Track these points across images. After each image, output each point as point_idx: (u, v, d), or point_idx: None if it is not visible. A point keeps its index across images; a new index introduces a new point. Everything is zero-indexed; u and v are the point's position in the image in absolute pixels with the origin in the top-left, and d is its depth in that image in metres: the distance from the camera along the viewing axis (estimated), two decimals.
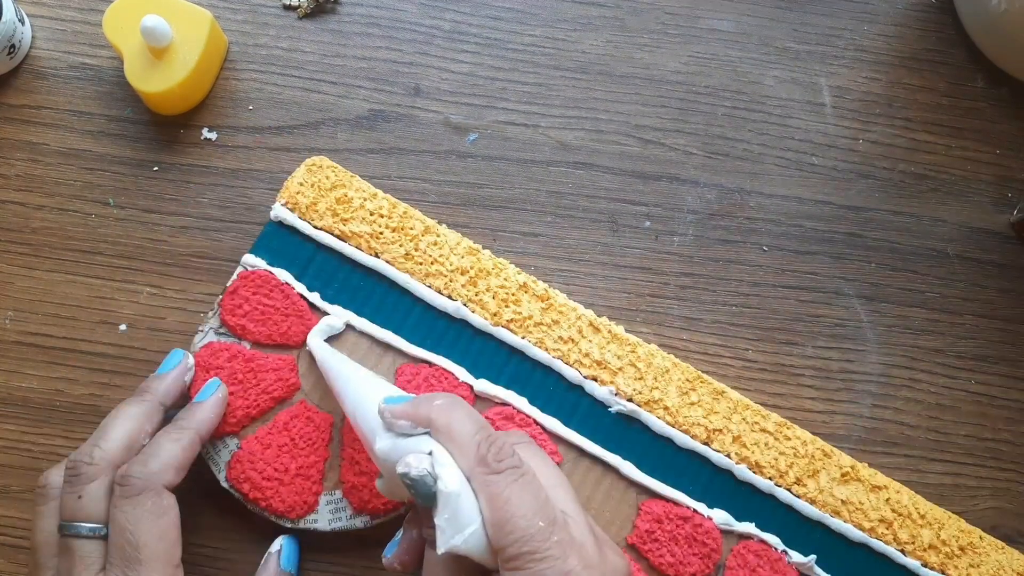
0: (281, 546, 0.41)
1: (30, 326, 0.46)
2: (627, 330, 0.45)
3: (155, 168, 0.48)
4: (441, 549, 0.32)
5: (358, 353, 0.44)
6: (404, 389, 0.43)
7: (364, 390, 0.38)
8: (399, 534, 0.37)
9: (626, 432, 0.44)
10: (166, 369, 0.41)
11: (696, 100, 0.51)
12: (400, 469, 0.33)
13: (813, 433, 0.45)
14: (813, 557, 0.43)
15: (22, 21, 0.48)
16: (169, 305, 0.46)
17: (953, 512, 0.45)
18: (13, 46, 0.47)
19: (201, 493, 0.43)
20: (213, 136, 0.48)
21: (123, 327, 0.46)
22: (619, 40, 0.51)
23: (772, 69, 0.51)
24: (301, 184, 0.45)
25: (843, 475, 0.44)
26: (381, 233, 0.45)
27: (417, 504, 0.34)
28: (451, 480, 0.33)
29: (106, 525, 0.36)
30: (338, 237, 0.45)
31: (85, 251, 0.47)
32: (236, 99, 0.49)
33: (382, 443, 0.35)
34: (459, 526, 0.32)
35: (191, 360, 0.42)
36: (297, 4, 0.50)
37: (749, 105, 0.51)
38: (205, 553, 0.43)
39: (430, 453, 0.34)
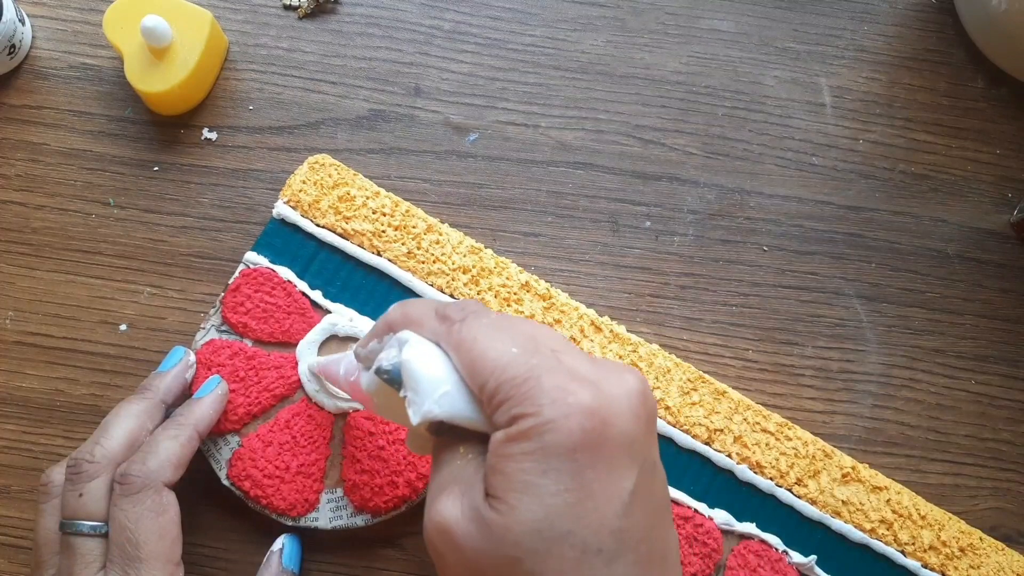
0: (283, 545, 0.41)
1: (30, 326, 0.46)
2: (628, 330, 0.45)
3: (155, 168, 0.48)
4: (415, 420, 0.28)
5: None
6: None
7: (336, 358, 0.37)
8: None
9: None
10: (167, 367, 0.41)
11: (696, 100, 0.51)
12: (376, 372, 0.30)
13: (813, 433, 0.45)
14: (813, 557, 0.43)
15: (22, 21, 0.48)
16: (169, 305, 0.46)
17: (953, 512, 0.45)
18: (13, 46, 0.47)
19: (201, 492, 0.43)
20: (213, 136, 0.48)
21: (123, 327, 0.46)
22: (619, 40, 0.51)
23: (772, 69, 0.51)
24: (304, 182, 0.45)
25: (844, 476, 0.44)
26: (383, 231, 0.45)
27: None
28: (412, 349, 0.29)
29: (107, 523, 0.36)
30: (340, 235, 0.45)
31: (85, 251, 0.47)
32: (236, 99, 0.49)
33: (366, 376, 0.32)
34: (428, 391, 0.28)
35: (192, 357, 0.42)
36: (297, 4, 0.50)
37: (749, 105, 0.51)
38: (205, 553, 0.43)
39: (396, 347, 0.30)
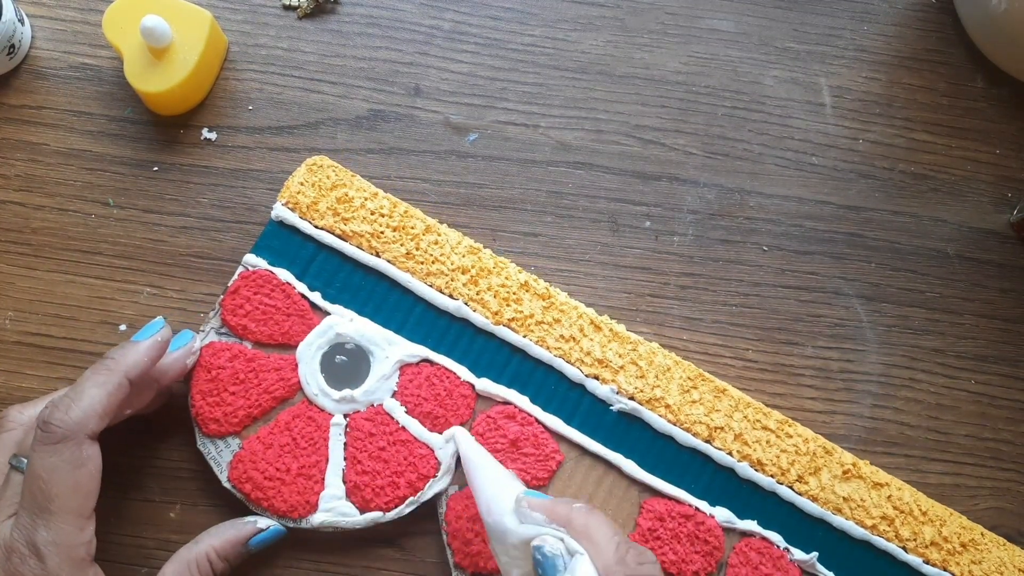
0: (268, 527, 0.41)
1: (30, 326, 0.45)
2: (627, 330, 0.45)
3: (155, 168, 0.48)
4: None
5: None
6: (405, 389, 0.43)
7: (502, 479, 0.39)
8: None
9: (628, 431, 0.44)
10: (141, 338, 0.39)
11: (696, 100, 0.51)
12: (536, 543, 0.35)
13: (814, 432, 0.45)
14: (815, 554, 0.43)
15: (22, 21, 0.48)
16: (169, 305, 0.46)
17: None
18: (13, 46, 0.47)
19: (201, 495, 0.43)
20: (213, 136, 0.48)
21: (123, 327, 0.46)
22: (619, 40, 0.51)
23: (772, 69, 0.51)
24: (302, 184, 0.45)
25: (844, 472, 0.44)
26: (382, 232, 0.45)
27: None
28: (584, 567, 0.34)
29: None
30: (339, 237, 0.45)
31: (85, 251, 0.46)
32: (236, 99, 0.49)
33: (516, 523, 0.36)
34: None
35: (168, 332, 0.40)
36: (297, 4, 0.50)
37: (749, 105, 0.51)
38: None
39: (562, 541, 0.35)
